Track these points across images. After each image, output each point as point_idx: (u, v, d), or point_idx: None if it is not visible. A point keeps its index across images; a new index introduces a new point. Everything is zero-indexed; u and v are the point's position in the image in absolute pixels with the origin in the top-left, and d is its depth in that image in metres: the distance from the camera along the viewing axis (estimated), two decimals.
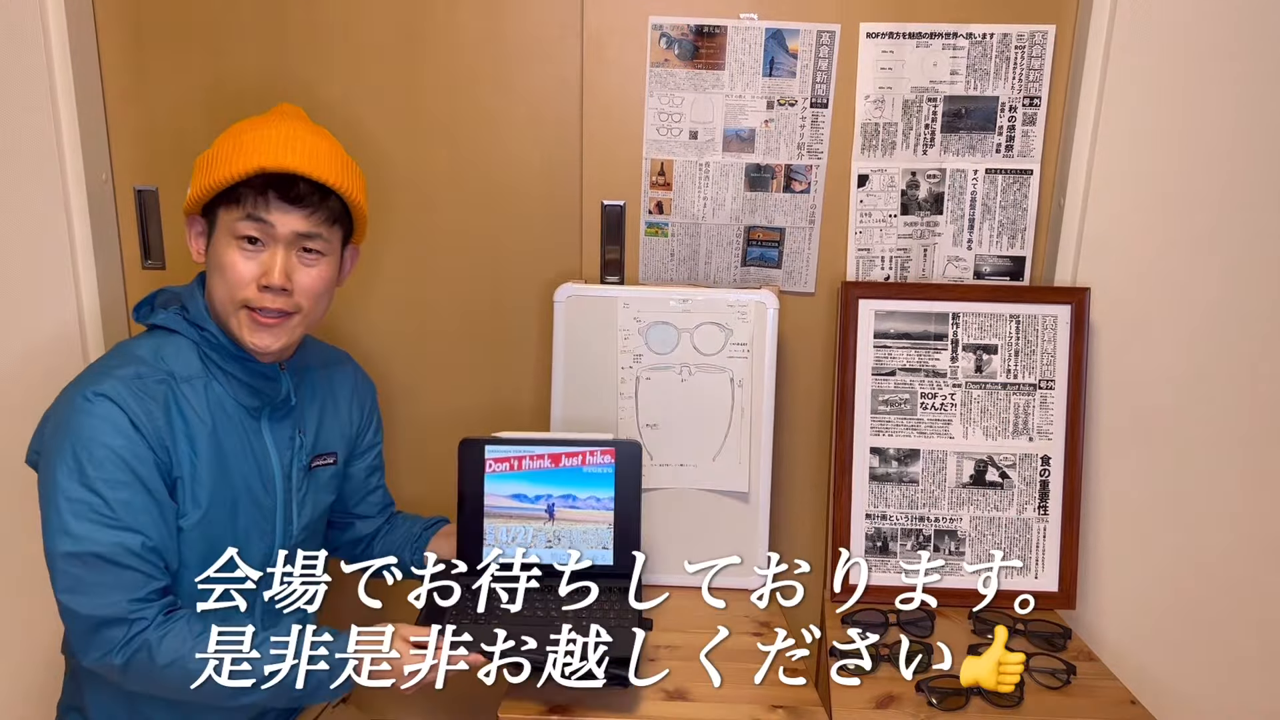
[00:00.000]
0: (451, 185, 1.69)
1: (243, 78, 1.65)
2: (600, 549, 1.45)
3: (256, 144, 1.17)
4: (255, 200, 1.16)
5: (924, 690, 1.34)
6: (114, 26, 1.64)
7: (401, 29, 1.63)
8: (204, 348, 1.23)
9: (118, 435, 1.12)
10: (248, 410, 1.25)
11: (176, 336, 1.23)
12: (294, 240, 1.19)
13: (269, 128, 1.19)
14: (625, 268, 1.71)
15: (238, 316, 1.20)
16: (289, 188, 1.17)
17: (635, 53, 1.62)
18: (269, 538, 1.28)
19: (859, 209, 1.67)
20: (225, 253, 1.18)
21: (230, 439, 1.23)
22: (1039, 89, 1.62)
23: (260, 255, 1.18)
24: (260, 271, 1.18)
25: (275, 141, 1.17)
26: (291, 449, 1.31)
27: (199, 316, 1.23)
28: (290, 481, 1.30)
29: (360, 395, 1.46)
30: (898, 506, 1.64)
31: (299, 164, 1.17)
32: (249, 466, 1.25)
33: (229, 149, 1.18)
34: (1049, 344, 1.62)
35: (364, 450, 1.47)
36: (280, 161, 1.16)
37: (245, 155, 1.16)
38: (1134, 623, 1.72)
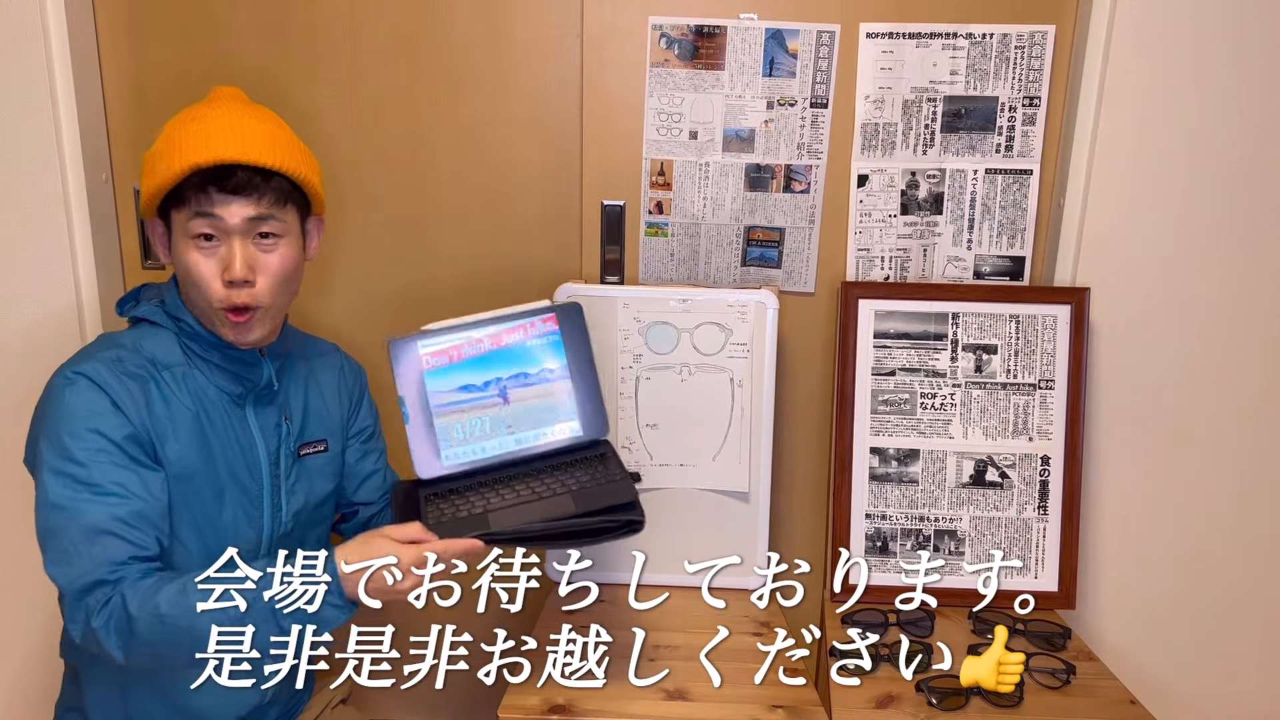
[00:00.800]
0: (452, 185, 1.69)
1: (243, 78, 1.64)
2: (566, 422, 1.36)
3: (188, 140, 1.16)
4: (198, 197, 1.15)
5: (924, 690, 1.34)
6: (114, 27, 1.64)
7: (402, 29, 1.63)
8: (183, 338, 1.23)
9: (97, 411, 1.13)
10: (231, 397, 1.25)
11: (157, 328, 1.23)
12: (247, 228, 1.18)
13: (201, 119, 1.18)
14: (625, 268, 1.71)
15: (218, 318, 1.20)
16: (227, 178, 1.15)
17: (635, 53, 1.62)
18: (256, 524, 1.27)
19: (859, 209, 1.68)
20: (185, 255, 1.18)
21: (214, 425, 1.23)
22: (1039, 89, 1.62)
23: (218, 250, 1.17)
24: (221, 267, 1.17)
25: (206, 134, 1.16)
26: (278, 435, 1.30)
27: (175, 308, 1.23)
28: (278, 468, 1.30)
29: (347, 382, 1.44)
30: (897, 506, 1.64)
31: (232, 153, 1.15)
32: (234, 452, 1.25)
33: (165, 148, 1.17)
34: (1049, 344, 1.62)
35: (355, 435, 1.46)
36: (213, 154, 1.14)
37: (179, 154, 1.15)
38: (1134, 623, 1.72)
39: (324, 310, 1.74)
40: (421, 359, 1.33)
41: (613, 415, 1.62)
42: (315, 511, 1.36)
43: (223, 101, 1.22)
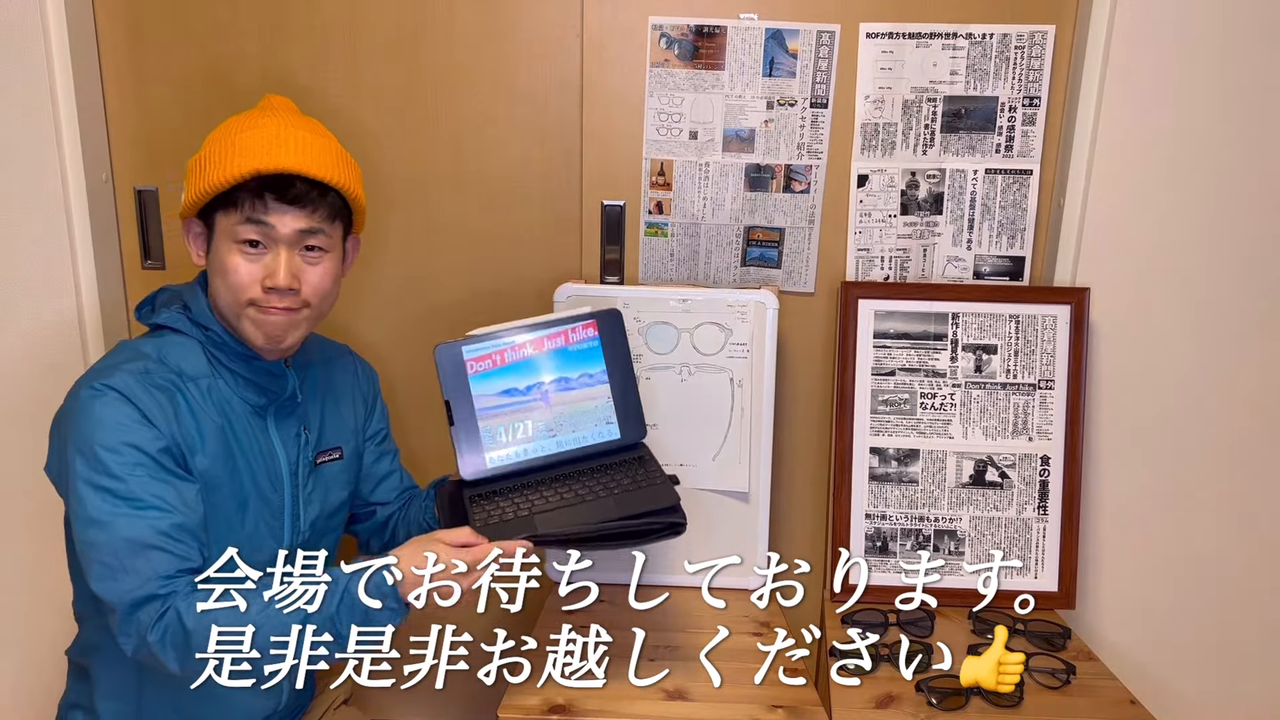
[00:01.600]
0: (452, 185, 1.69)
1: (243, 78, 1.65)
2: (605, 425, 1.40)
3: (249, 145, 1.15)
4: (253, 203, 1.15)
5: (924, 690, 1.34)
6: (114, 27, 1.64)
7: (402, 28, 1.63)
8: (209, 346, 1.22)
9: (129, 424, 1.11)
10: (254, 408, 1.24)
11: (180, 336, 1.22)
12: (296, 240, 1.18)
13: (260, 127, 1.17)
14: (625, 268, 1.71)
15: (245, 315, 1.19)
16: (286, 188, 1.15)
17: (635, 53, 1.62)
18: (277, 535, 1.27)
19: (859, 209, 1.68)
20: (227, 257, 1.17)
21: (238, 437, 1.22)
22: (1039, 89, 1.62)
23: (263, 258, 1.17)
24: (264, 274, 1.17)
25: (268, 141, 1.15)
26: (298, 446, 1.30)
27: (202, 315, 1.21)
28: (297, 479, 1.29)
29: (361, 386, 1.44)
30: (897, 506, 1.64)
31: (294, 163, 1.15)
32: (257, 465, 1.24)
33: (221, 151, 1.16)
34: (1048, 344, 1.63)
35: (370, 438, 1.46)
36: (275, 162, 1.14)
37: (239, 158, 1.14)
38: (1133, 622, 1.72)
39: None
40: (467, 364, 1.36)
41: None
42: (330, 519, 1.36)
43: (278, 111, 1.22)
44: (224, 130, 1.19)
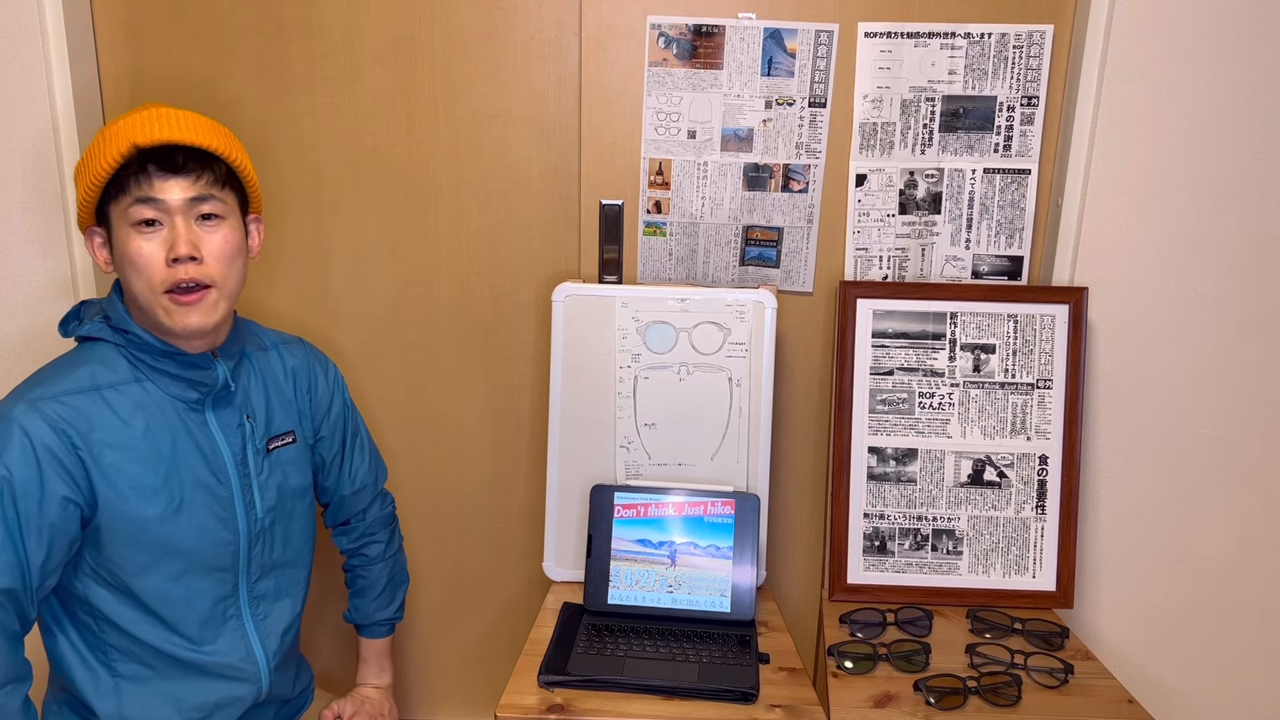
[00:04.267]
0: (450, 184, 1.69)
1: (241, 78, 1.65)
2: (719, 596, 1.50)
3: (124, 128, 1.17)
4: (138, 180, 1.16)
5: (922, 689, 1.34)
6: (112, 26, 1.64)
7: (400, 28, 1.63)
8: (131, 350, 1.22)
9: (16, 463, 1.12)
10: (188, 404, 1.24)
11: (102, 344, 1.23)
12: (188, 208, 1.18)
13: (133, 114, 1.20)
14: (624, 267, 1.71)
15: (161, 304, 1.18)
16: (168, 158, 1.17)
17: (633, 52, 1.62)
18: (231, 525, 1.27)
19: (857, 208, 1.68)
20: (129, 244, 1.17)
21: (168, 436, 1.22)
22: (1037, 89, 1.62)
23: (160, 233, 1.18)
24: (166, 249, 1.17)
25: (142, 120, 1.18)
26: (241, 435, 1.29)
27: (121, 320, 1.22)
28: (246, 467, 1.29)
29: (311, 371, 1.42)
30: (896, 506, 1.64)
31: (170, 133, 1.17)
32: (195, 460, 1.24)
33: (99, 144, 1.19)
34: (1047, 343, 1.63)
35: (329, 432, 1.45)
36: (151, 135, 1.16)
37: (115, 140, 1.17)
38: (1131, 622, 1.73)
39: (319, 312, 1.74)
40: (616, 508, 1.54)
41: (611, 414, 1.62)
42: (293, 503, 1.36)
43: (152, 105, 1.24)
44: (99, 131, 1.22)
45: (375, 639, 1.55)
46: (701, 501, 1.53)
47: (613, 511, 1.53)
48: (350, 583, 1.55)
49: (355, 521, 1.52)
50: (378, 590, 1.53)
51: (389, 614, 1.54)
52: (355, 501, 1.50)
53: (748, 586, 1.49)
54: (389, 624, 1.55)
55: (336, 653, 1.84)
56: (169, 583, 1.23)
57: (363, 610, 1.53)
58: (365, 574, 1.53)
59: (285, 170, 1.68)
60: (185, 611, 1.25)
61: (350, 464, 1.48)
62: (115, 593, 1.21)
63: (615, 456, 1.63)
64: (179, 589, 1.24)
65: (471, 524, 1.81)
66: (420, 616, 1.84)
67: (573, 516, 1.63)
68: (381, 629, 1.55)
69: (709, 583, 1.50)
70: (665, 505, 1.53)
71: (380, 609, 1.53)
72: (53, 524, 1.14)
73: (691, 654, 1.39)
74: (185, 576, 1.24)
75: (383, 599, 1.53)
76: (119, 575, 1.20)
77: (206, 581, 1.26)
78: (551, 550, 1.63)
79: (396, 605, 1.55)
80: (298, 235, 1.71)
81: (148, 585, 1.21)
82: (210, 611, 1.27)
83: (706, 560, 1.51)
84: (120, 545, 1.19)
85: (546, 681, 1.32)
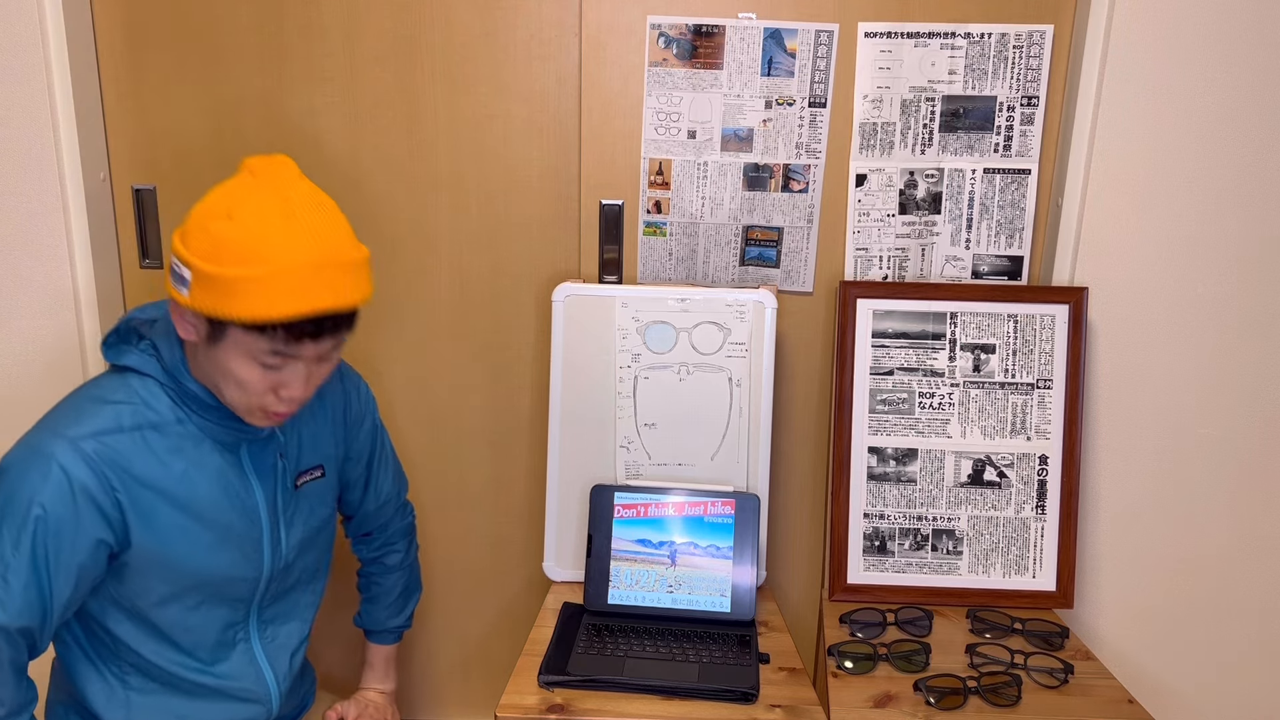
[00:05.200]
0: (450, 184, 1.69)
1: (240, 77, 1.65)
2: (719, 596, 1.50)
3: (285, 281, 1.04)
4: (285, 339, 1.07)
5: (921, 689, 1.34)
6: (112, 25, 1.64)
7: (400, 27, 1.63)
8: (178, 394, 1.17)
9: (54, 502, 1.08)
10: (225, 445, 1.21)
11: (147, 379, 1.17)
12: (319, 358, 1.14)
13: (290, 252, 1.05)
14: (624, 267, 1.71)
15: (243, 410, 1.14)
16: (320, 326, 1.08)
17: (633, 52, 1.62)
18: (256, 564, 1.26)
19: (857, 208, 1.68)
20: (240, 367, 1.10)
21: (204, 478, 1.19)
22: (1037, 89, 1.62)
23: (280, 372, 1.11)
24: (279, 383, 1.12)
25: (306, 276, 1.05)
26: (274, 475, 1.26)
27: (176, 369, 1.16)
28: (276, 507, 1.27)
29: (345, 395, 1.39)
30: (896, 506, 1.64)
31: (336, 301, 1.07)
32: (228, 501, 1.21)
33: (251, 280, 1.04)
34: (1047, 343, 1.63)
35: (357, 453, 1.43)
36: (313, 305, 1.06)
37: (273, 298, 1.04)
38: (1131, 622, 1.72)
39: None
40: (616, 508, 1.53)
41: (611, 414, 1.62)
42: (315, 537, 1.35)
43: (302, 211, 1.08)
44: (239, 237, 1.05)
45: (383, 645, 1.54)
46: (701, 501, 1.53)
47: (613, 511, 1.53)
48: (364, 588, 1.54)
49: (377, 533, 1.51)
50: (391, 598, 1.52)
51: (399, 621, 1.54)
52: (379, 515, 1.50)
53: (748, 586, 1.49)
54: (398, 631, 1.55)
55: (341, 655, 1.84)
56: (186, 612, 1.22)
57: (374, 616, 1.53)
58: (381, 582, 1.52)
59: None
60: (199, 638, 1.24)
61: (376, 481, 1.46)
62: (132, 618, 1.20)
63: (615, 456, 1.63)
64: (195, 617, 1.23)
65: (471, 524, 1.81)
66: (421, 616, 1.83)
67: (573, 516, 1.63)
68: (390, 636, 1.54)
69: (709, 583, 1.50)
70: (665, 505, 1.53)
71: (392, 616, 1.53)
72: (82, 564, 1.11)
73: (691, 654, 1.39)
74: (202, 607, 1.23)
75: (395, 606, 1.53)
76: (138, 605, 1.19)
77: (221, 610, 1.25)
78: (551, 550, 1.63)
79: (407, 614, 1.55)
80: None
81: (166, 615, 1.20)
82: (220, 636, 1.26)
83: (706, 560, 1.51)
84: (145, 579, 1.18)
85: (546, 681, 1.32)
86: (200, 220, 1.08)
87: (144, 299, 1.73)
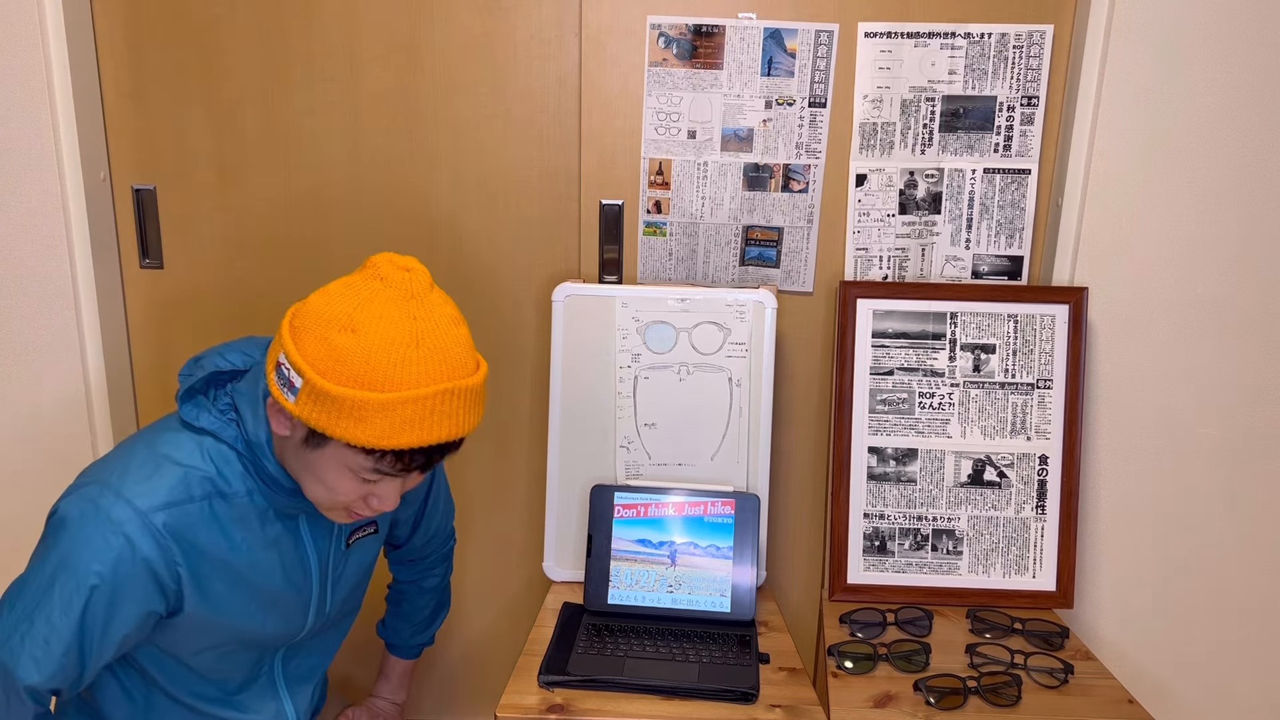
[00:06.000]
0: (450, 184, 1.69)
1: (241, 77, 1.65)
2: (719, 596, 1.50)
3: (406, 412, 0.99)
4: (393, 464, 1.03)
5: (922, 689, 1.34)
6: (112, 24, 1.64)
7: (400, 27, 1.63)
8: (254, 469, 1.11)
9: (113, 575, 1.03)
10: (286, 514, 1.17)
11: (223, 445, 1.10)
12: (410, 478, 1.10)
13: (416, 384, 0.99)
14: (623, 267, 1.71)
15: (325, 509, 1.11)
16: (432, 454, 1.04)
17: (633, 52, 1.62)
18: (301, 621, 1.24)
19: (857, 208, 1.68)
20: (335, 477, 1.05)
21: (263, 546, 1.15)
22: (1037, 89, 1.62)
23: (375, 485, 1.07)
24: (371, 494, 1.08)
25: (429, 408, 1.00)
26: (329, 539, 1.23)
27: (260, 448, 1.10)
28: (326, 570, 1.24)
29: None
30: (896, 506, 1.64)
31: (454, 433, 1.03)
32: (285, 570, 1.18)
33: (370, 406, 0.98)
34: (1047, 343, 1.63)
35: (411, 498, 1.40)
36: (434, 437, 1.01)
37: (392, 428, 0.99)
38: (1132, 622, 1.72)
39: None
40: (616, 508, 1.53)
41: (611, 415, 1.62)
42: (356, 589, 1.33)
43: (431, 336, 1.02)
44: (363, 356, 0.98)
45: (403, 659, 1.54)
46: (701, 501, 1.53)
47: (613, 511, 1.53)
48: (394, 601, 1.53)
49: (419, 560, 1.51)
50: (421, 616, 1.52)
51: (424, 639, 1.54)
52: (426, 548, 1.49)
53: (748, 586, 1.50)
54: (420, 648, 1.55)
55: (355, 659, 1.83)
56: (220, 659, 1.20)
57: (400, 632, 1.52)
58: (415, 600, 1.52)
59: (285, 170, 1.68)
60: (229, 676, 1.23)
61: (427, 520, 1.45)
62: (165, 657, 1.18)
63: (615, 456, 1.63)
64: (228, 661, 1.21)
65: (471, 524, 1.81)
66: None
67: (573, 516, 1.63)
68: (413, 651, 1.54)
69: (709, 583, 1.50)
70: (665, 505, 1.53)
71: (417, 633, 1.53)
72: (128, 634, 1.07)
73: (691, 654, 1.39)
74: (236, 654, 1.21)
75: (423, 624, 1.53)
76: (174, 651, 1.17)
77: (253, 654, 1.24)
78: (551, 550, 1.63)
79: (433, 632, 1.55)
80: (298, 235, 1.70)
81: (200, 661, 1.19)
82: (247, 675, 1.25)
83: (706, 560, 1.51)
84: (187, 636, 1.15)
85: (546, 681, 1.32)
86: (319, 326, 1.00)
87: (144, 299, 1.73)
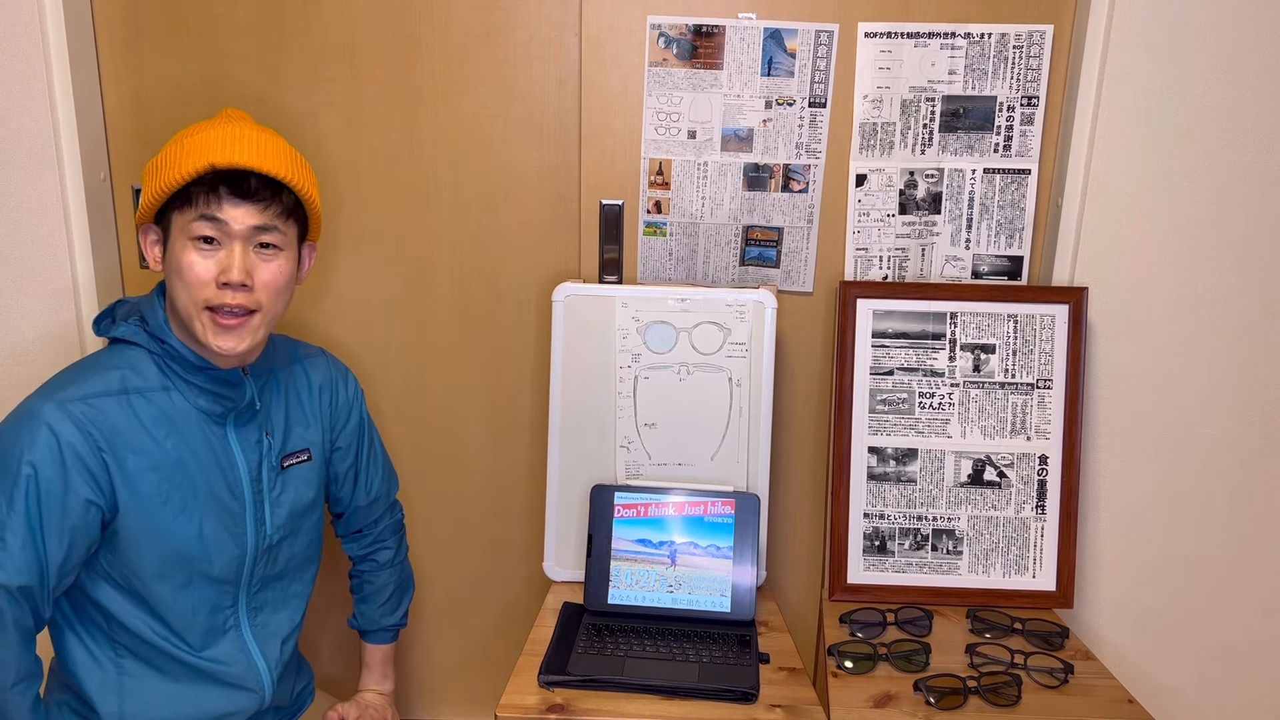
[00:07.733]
0: (450, 184, 1.69)
1: (241, 77, 1.65)
2: (719, 596, 1.50)
3: (204, 144, 1.17)
4: (207, 198, 1.17)
5: (922, 689, 1.34)
6: (112, 25, 1.64)
7: (400, 27, 1.63)
8: (164, 359, 1.22)
9: (43, 462, 1.12)
10: (211, 417, 1.25)
11: (136, 349, 1.23)
12: (250, 235, 1.19)
13: (215, 129, 1.20)
14: (624, 267, 1.71)
15: (200, 320, 1.19)
16: (241, 183, 1.17)
17: (633, 52, 1.62)
18: (240, 540, 1.28)
19: (857, 208, 1.68)
20: (182, 255, 1.18)
21: (190, 448, 1.23)
22: (1037, 89, 1.62)
23: (217, 254, 1.18)
24: (219, 270, 1.18)
25: (223, 140, 1.18)
26: (259, 451, 1.30)
27: (158, 329, 1.22)
28: (260, 484, 1.30)
29: (333, 385, 1.43)
30: (896, 506, 1.64)
31: (249, 159, 1.17)
32: (213, 473, 1.25)
33: (176, 152, 1.18)
34: (1047, 343, 1.63)
35: (345, 445, 1.45)
36: (229, 158, 1.16)
37: (194, 155, 1.16)
38: (1132, 622, 1.72)
39: (320, 311, 1.74)
40: (616, 508, 1.53)
41: (611, 415, 1.62)
42: (301, 520, 1.37)
43: (234, 119, 1.24)
44: (180, 134, 1.22)
45: (379, 645, 1.55)
46: (701, 501, 1.53)
47: (613, 511, 1.53)
48: (357, 589, 1.55)
49: (367, 529, 1.53)
50: (384, 596, 1.53)
51: (394, 620, 1.54)
52: (369, 513, 1.51)
53: (748, 586, 1.50)
54: (393, 630, 1.55)
55: (338, 657, 1.84)
56: (177, 591, 1.23)
57: (368, 616, 1.53)
58: (373, 580, 1.53)
59: None
60: (190, 620, 1.25)
61: (365, 477, 1.49)
62: (126, 595, 1.22)
63: (615, 456, 1.63)
64: (185, 597, 1.24)
65: (471, 524, 1.81)
66: (421, 616, 1.83)
67: (573, 516, 1.63)
68: (386, 635, 1.55)
69: (709, 582, 1.50)
70: (665, 505, 1.53)
71: (386, 615, 1.53)
72: (74, 525, 1.14)
73: (691, 654, 1.39)
74: (191, 586, 1.24)
75: (389, 605, 1.53)
76: (131, 580, 1.21)
77: (210, 592, 1.26)
78: (551, 550, 1.63)
79: (402, 612, 1.56)
80: None
81: (157, 592, 1.22)
82: (209, 621, 1.27)
83: (706, 560, 1.51)
84: (135, 550, 1.20)
85: (546, 681, 1.32)
86: None
87: None
